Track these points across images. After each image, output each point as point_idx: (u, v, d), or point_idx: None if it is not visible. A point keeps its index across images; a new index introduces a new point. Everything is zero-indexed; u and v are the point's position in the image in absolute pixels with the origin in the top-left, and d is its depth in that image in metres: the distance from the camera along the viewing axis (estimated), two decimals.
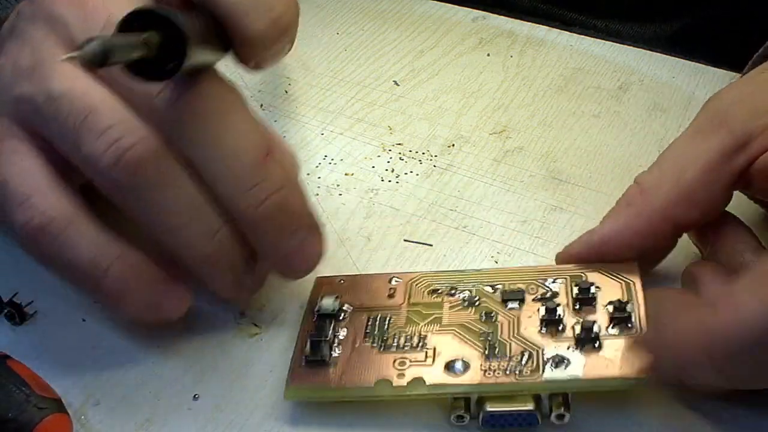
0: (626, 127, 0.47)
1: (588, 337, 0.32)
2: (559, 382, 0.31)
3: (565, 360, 0.31)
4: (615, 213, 0.36)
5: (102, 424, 0.32)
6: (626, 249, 0.35)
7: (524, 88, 0.50)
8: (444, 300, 0.35)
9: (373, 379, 0.32)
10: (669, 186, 0.34)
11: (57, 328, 0.36)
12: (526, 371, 0.31)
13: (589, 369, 0.31)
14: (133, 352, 0.35)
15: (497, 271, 0.36)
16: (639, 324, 0.32)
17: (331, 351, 0.33)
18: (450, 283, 0.35)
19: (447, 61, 0.52)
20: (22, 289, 0.37)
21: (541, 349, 0.32)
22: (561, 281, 0.35)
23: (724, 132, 0.34)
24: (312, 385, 0.32)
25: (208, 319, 0.36)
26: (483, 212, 0.42)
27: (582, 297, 0.33)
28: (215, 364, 0.35)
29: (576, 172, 0.44)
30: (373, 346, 0.33)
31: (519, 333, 0.33)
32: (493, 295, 0.35)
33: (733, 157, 0.34)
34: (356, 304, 0.35)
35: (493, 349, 0.32)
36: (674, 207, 0.34)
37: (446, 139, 0.46)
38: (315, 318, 0.34)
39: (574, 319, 0.33)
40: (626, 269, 0.35)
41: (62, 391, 0.32)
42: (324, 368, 0.32)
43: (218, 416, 0.33)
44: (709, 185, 0.34)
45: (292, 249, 0.34)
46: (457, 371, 0.31)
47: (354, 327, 0.34)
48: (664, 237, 0.35)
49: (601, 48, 0.53)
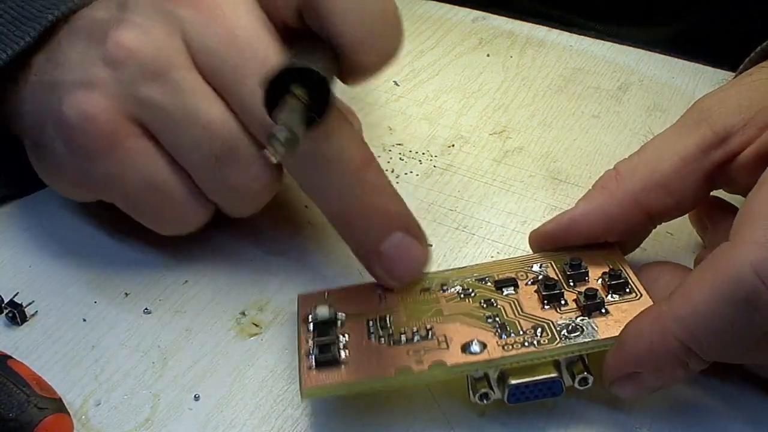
0: (626, 127, 0.47)
1: (593, 304, 0.32)
2: (578, 345, 0.31)
3: (579, 327, 0.31)
4: (589, 195, 0.36)
5: (102, 424, 0.32)
6: (596, 231, 0.35)
7: (524, 88, 0.50)
8: (438, 296, 0.34)
9: (391, 368, 0.31)
10: (644, 172, 0.35)
11: (57, 328, 0.36)
12: (543, 341, 0.31)
13: (603, 330, 0.31)
14: (133, 351, 0.35)
15: (482, 266, 0.36)
16: (636, 288, 0.33)
17: (340, 352, 0.32)
18: (438, 281, 0.35)
19: (447, 61, 0.53)
20: (22, 289, 0.37)
21: (552, 321, 0.32)
22: (546, 264, 0.35)
23: (705, 127, 0.34)
24: (328, 383, 0.31)
25: (208, 319, 0.36)
26: (483, 212, 0.42)
27: (574, 273, 0.34)
28: (215, 364, 0.35)
29: (576, 172, 0.44)
30: (381, 343, 0.32)
31: (524, 311, 0.33)
32: (485, 285, 0.34)
33: (711, 151, 0.34)
34: (350, 312, 0.34)
35: (504, 327, 0.32)
36: (647, 192, 0.34)
37: (446, 139, 0.46)
38: (311, 328, 0.33)
39: (572, 293, 0.33)
40: (606, 250, 0.35)
41: (62, 391, 0.32)
42: (337, 366, 0.31)
43: (218, 416, 0.33)
44: (685, 175, 0.34)
45: (391, 251, 0.34)
46: (475, 351, 0.31)
47: (354, 332, 0.33)
48: (635, 222, 0.35)
49: (601, 48, 0.53)
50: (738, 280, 0.28)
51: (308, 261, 0.39)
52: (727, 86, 0.36)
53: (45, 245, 0.39)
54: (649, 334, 0.29)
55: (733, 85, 0.36)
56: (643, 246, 0.37)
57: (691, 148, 0.34)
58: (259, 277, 0.38)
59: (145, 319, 0.36)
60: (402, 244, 0.34)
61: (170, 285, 0.38)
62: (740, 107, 0.34)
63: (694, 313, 0.28)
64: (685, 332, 0.29)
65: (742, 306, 0.28)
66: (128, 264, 0.38)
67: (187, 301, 0.37)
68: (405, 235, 0.34)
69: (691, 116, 0.35)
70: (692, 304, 0.29)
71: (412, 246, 0.35)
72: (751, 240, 0.28)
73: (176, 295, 0.37)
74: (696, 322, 0.28)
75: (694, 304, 0.29)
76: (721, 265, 0.28)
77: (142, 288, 0.38)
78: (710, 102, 0.35)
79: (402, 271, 0.35)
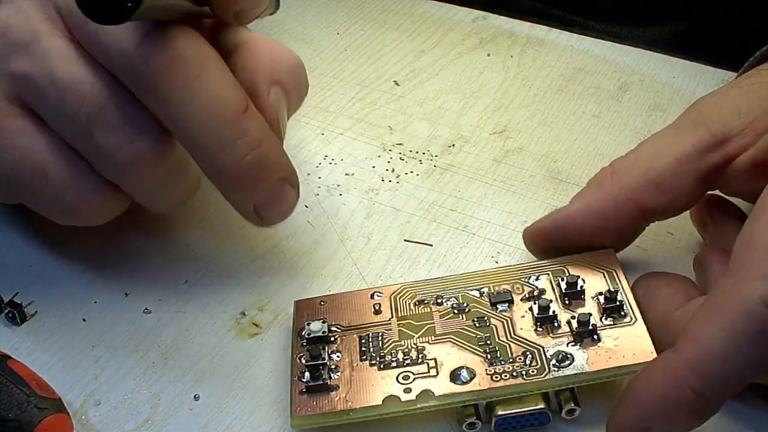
0: (626, 127, 0.47)
1: (585, 331, 0.32)
2: (566, 377, 0.31)
3: (568, 356, 0.31)
4: (584, 192, 0.36)
5: (102, 424, 0.32)
6: (590, 227, 0.35)
7: (524, 88, 0.50)
8: (432, 310, 0.34)
9: (379, 396, 0.31)
10: (640, 170, 0.35)
11: (57, 328, 0.36)
12: (532, 371, 0.31)
13: (593, 362, 0.31)
14: (133, 351, 0.35)
15: (478, 274, 0.36)
16: (632, 311, 0.33)
17: (331, 374, 0.32)
18: (434, 291, 0.35)
19: (447, 61, 0.52)
20: (22, 289, 0.37)
21: (542, 347, 0.32)
22: (544, 277, 0.35)
23: (703, 128, 0.34)
24: (318, 412, 0.31)
25: (208, 319, 0.36)
26: (483, 212, 0.42)
27: (570, 291, 0.34)
28: (215, 364, 0.35)
29: (576, 172, 0.44)
30: (372, 365, 0.32)
31: (516, 334, 0.33)
32: (480, 299, 0.34)
33: (707, 153, 0.34)
34: (344, 324, 0.34)
35: (495, 353, 0.32)
36: (642, 190, 0.34)
37: (446, 139, 0.46)
38: (305, 343, 0.33)
39: (566, 313, 0.33)
40: (605, 259, 0.35)
41: (62, 391, 0.32)
42: (326, 393, 0.32)
43: (218, 416, 0.33)
44: (680, 175, 0.34)
45: (267, 199, 0.34)
46: (464, 380, 0.31)
47: (347, 348, 0.33)
48: (629, 219, 0.35)
49: (601, 48, 0.53)
50: (750, 316, 0.27)
51: (308, 261, 0.39)
52: (726, 88, 0.36)
53: (45, 245, 0.39)
54: (662, 387, 0.28)
55: (732, 87, 0.36)
56: (643, 246, 0.37)
57: (687, 148, 0.34)
58: (259, 277, 0.38)
59: (145, 319, 0.36)
60: (281, 195, 0.34)
61: (170, 285, 0.38)
62: (739, 111, 0.34)
63: (708, 357, 0.28)
64: (699, 378, 0.28)
65: (757, 340, 0.27)
66: (128, 264, 0.38)
67: (187, 301, 0.37)
68: (284, 184, 0.34)
69: (689, 117, 0.36)
70: (704, 348, 0.28)
71: (290, 196, 0.35)
72: (758, 275, 0.28)
73: (176, 295, 0.37)
74: (711, 365, 0.28)
75: (705, 348, 0.28)
76: (729, 303, 0.28)
77: (142, 288, 0.38)
78: (709, 103, 0.35)
79: (275, 218, 0.35)
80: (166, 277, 0.38)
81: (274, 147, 0.34)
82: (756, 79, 0.36)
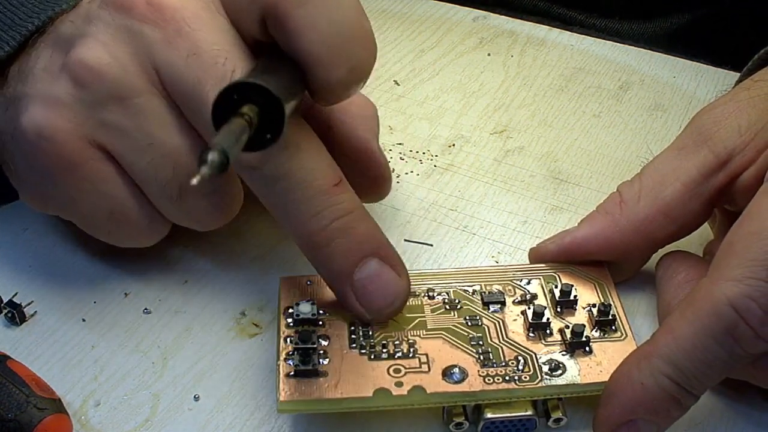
0: (627, 127, 0.47)
1: (578, 342, 0.32)
2: (558, 387, 0.31)
3: (561, 365, 0.32)
4: (592, 218, 0.36)
5: (102, 424, 0.32)
6: (596, 255, 0.36)
7: (525, 87, 0.50)
8: (424, 303, 0.34)
9: (370, 388, 0.31)
10: (648, 201, 0.35)
11: (57, 328, 0.36)
12: (524, 377, 0.31)
13: (585, 374, 0.31)
14: (132, 351, 0.35)
15: (470, 271, 0.36)
16: (623, 327, 0.33)
17: (320, 359, 0.32)
18: (425, 284, 0.35)
19: (447, 60, 0.52)
20: (22, 289, 0.37)
21: (534, 353, 0.32)
22: (536, 281, 0.35)
23: (706, 150, 0.35)
24: (307, 399, 0.31)
25: (208, 319, 0.36)
26: (483, 212, 0.42)
27: (563, 300, 0.34)
28: (215, 364, 0.35)
29: (577, 171, 0.44)
30: (362, 354, 0.32)
31: (508, 337, 0.33)
32: (472, 297, 0.34)
33: (713, 175, 0.35)
34: (330, 304, 0.34)
35: (487, 354, 0.32)
36: (651, 221, 0.35)
37: (447, 138, 0.46)
38: (291, 323, 0.33)
39: (558, 322, 0.33)
40: (596, 272, 0.36)
41: (62, 391, 0.32)
42: (315, 379, 0.31)
43: (218, 416, 0.33)
44: (688, 202, 0.35)
45: (364, 279, 0.33)
46: (456, 379, 0.31)
47: (335, 334, 0.33)
48: (637, 249, 0.36)
49: (601, 48, 0.53)
50: (717, 315, 0.29)
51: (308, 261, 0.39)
52: (724, 100, 0.36)
53: (45, 245, 0.39)
54: (639, 377, 0.29)
55: (731, 100, 0.36)
56: None
57: (692, 172, 0.35)
58: (259, 277, 0.38)
59: (145, 319, 0.36)
60: (376, 272, 0.33)
61: (170, 285, 0.38)
62: (739, 129, 0.35)
63: (678, 349, 0.29)
64: (672, 368, 0.29)
65: (722, 338, 0.29)
66: (128, 264, 0.38)
67: (187, 301, 0.37)
68: (380, 262, 0.33)
69: (690, 136, 0.36)
70: (675, 340, 0.29)
71: (389, 275, 0.33)
72: (729, 277, 0.29)
73: (176, 295, 0.37)
74: (681, 357, 0.29)
75: (677, 340, 0.29)
76: (701, 302, 0.29)
77: (142, 288, 0.38)
78: (709, 121, 0.36)
79: (378, 303, 0.33)
80: (166, 277, 0.38)
81: (365, 219, 0.33)
82: (754, 92, 0.36)
